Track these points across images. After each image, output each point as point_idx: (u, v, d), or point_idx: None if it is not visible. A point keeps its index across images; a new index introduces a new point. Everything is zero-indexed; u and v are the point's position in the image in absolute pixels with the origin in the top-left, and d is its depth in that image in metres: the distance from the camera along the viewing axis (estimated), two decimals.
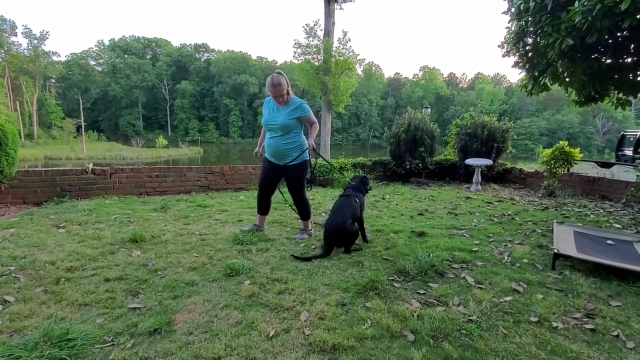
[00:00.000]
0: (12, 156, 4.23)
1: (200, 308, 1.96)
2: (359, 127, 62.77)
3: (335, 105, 17.69)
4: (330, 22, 17.35)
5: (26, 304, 1.97)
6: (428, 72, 68.42)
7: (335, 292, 2.16)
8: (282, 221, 3.88)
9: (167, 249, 2.89)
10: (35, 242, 2.98)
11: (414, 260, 2.56)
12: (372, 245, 3.08)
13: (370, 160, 7.52)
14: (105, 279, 2.30)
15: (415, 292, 2.20)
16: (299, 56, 18.89)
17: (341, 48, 18.58)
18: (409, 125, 7.35)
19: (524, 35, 4.13)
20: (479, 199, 5.30)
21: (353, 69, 18.83)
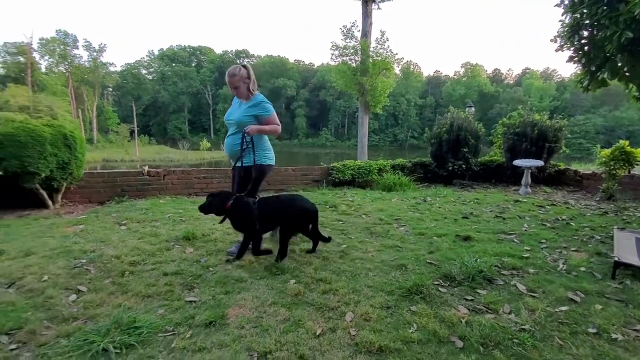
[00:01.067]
0: (81, 160, 4.69)
1: (250, 304, 2.07)
2: (397, 128, 61.58)
3: (372, 106, 17.52)
4: (367, 23, 17.23)
5: (97, 294, 2.19)
6: (470, 69, 65.43)
7: (379, 295, 2.17)
8: (322, 222, 3.93)
9: (217, 247, 3.06)
10: (101, 238, 3.29)
11: (460, 265, 2.50)
12: (415, 249, 3.04)
13: (409, 161, 7.38)
14: (164, 273, 2.49)
15: (463, 298, 2.14)
16: (336, 58, 18.97)
17: (379, 48, 18.37)
18: (452, 125, 7.11)
19: (579, 28, 3.85)
20: (529, 203, 5.01)
21: (391, 68, 18.52)
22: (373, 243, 3.23)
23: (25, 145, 4.00)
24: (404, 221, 4.00)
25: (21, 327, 1.81)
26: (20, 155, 4.00)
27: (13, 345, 1.68)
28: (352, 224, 3.90)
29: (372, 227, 3.76)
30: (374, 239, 3.39)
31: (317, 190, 6.07)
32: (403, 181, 6.24)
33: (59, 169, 4.41)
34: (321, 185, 6.41)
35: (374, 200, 5.17)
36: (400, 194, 5.62)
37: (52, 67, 47.61)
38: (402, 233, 3.53)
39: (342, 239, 3.36)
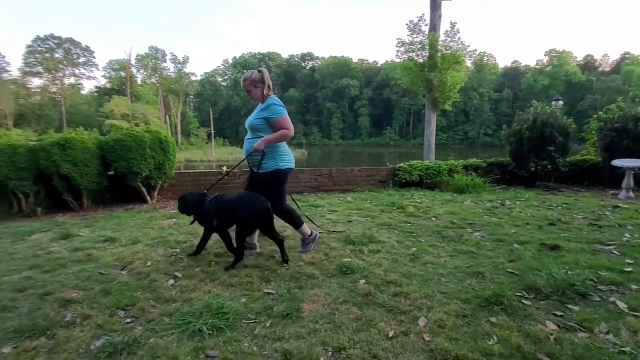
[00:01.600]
0: (172, 161, 5.33)
1: (322, 300, 2.16)
2: (467, 125, 57.58)
3: (441, 102, 16.65)
4: (436, 15, 16.42)
5: (190, 280, 2.49)
6: (556, 57, 58.29)
7: (454, 302, 2.09)
8: (390, 224, 3.90)
9: (289, 244, 3.22)
10: (190, 231, 3.70)
11: (547, 277, 2.28)
12: (493, 256, 2.85)
13: (484, 161, 6.89)
14: (244, 266, 2.71)
15: (550, 313, 1.96)
16: (402, 54, 18.44)
17: (448, 41, 17.40)
18: (535, 121, 6.45)
19: None
20: (632, 209, 4.32)
21: (462, 62, 17.41)
22: (445, 248, 3.11)
23: (130, 149, 4.70)
24: (479, 226, 3.77)
25: (133, 304, 2.14)
26: (127, 158, 4.70)
27: (128, 319, 2.00)
28: (421, 226, 3.80)
29: (443, 230, 3.62)
30: (445, 243, 3.26)
31: (384, 191, 6.01)
32: (477, 183, 5.86)
33: (156, 169, 5.08)
34: (387, 186, 6.33)
35: (445, 202, 4.95)
36: (473, 196, 5.29)
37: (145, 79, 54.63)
38: (478, 238, 3.33)
39: (411, 241, 3.29)
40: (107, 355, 1.64)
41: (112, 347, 1.68)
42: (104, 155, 4.89)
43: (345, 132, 64.30)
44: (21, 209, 4.69)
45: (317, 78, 64.68)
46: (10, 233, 3.77)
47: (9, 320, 1.95)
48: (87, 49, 49.70)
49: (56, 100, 45.78)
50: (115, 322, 1.93)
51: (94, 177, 4.78)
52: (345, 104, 63.22)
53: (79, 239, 3.54)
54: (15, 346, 1.73)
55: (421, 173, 6.33)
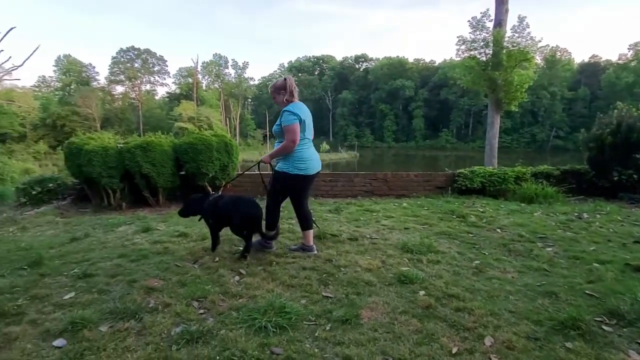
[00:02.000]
0: (235, 163, 5.71)
1: (381, 308, 2.16)
2: (535, 126, 52.74)
3: (506, 103, 15.50)
4: (502, 10, 15.33)
5: (254, 278, 2.64)
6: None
7: (524, 323, 1.97)
8: (450, 233, 3.75)
9: (345, 249, 3.28)
10: None
11: (632, 302, 2.05)
12: (569, 275, 2.61)
13: (557, 168, 6.29)
14: (302, 268, 2.81)
15: (634, 342, 1.77)
16: (463, 53, 17.52)
17: (516, 37, 16.17)
18: (619, 125, 5.74)
19: None
20: None
21: (531, 59, 16.05)
22: (512, 263, 2.92)
23: (200, 151, 5.13)
24: (551, 240, 3.47)
25: (205, 296, 2.34)
26: (197, 160, 5.15)
27: (201, 310, 2.19)
28: (484, 237, 3.60)
29: (510, 243, 3.39)
30: (512, 257, 3.06)
31: (441, 198, 5.79)
32: (548, 192, 5.37)
33: (221, 170, 5.48)
34: (445, 193, 6.08)
35: (511, 212, 4.63)
36: (544, 207, 4.86)
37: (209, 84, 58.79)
38: (550, 254, 3.07)
39: (473, 253, 3.15)
40: (186, 342, 1.82)
41: (189, 335, 1.86)
42: (177, 157, 5.40)
43: (399, 134, 62.76)
44: (110, 203, 5.37)
45: (371, 80, 64.04)
46: (102, 224, 4.33)
47: (105, 302, 2.26)
48: (161, 58, 54.88)
49: (134, 105, 51.23)
50: (191, 312, 2.13)
51: (169, 177, 5.30)
52: (399, 106, 61.69)
53: (157, 232, 3.95)
54: (111, 326, 2.00)
55: (484, 180, 5.97)
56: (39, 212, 5.20)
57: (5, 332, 1.92)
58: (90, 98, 42.12)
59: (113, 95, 52.36)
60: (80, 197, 5.89)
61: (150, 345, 1.79)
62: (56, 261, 3.04)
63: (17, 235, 4.12)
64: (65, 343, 1.82)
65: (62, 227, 4.46)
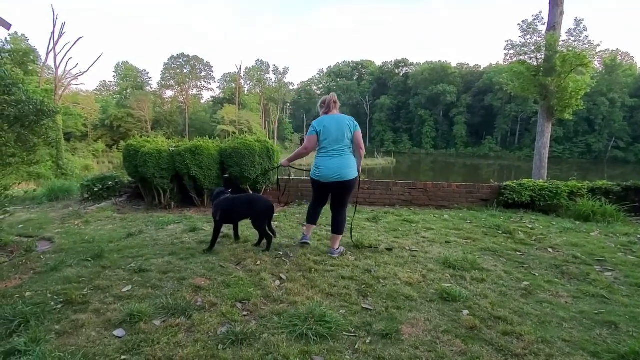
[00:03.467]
0: None
1: (422, 325, 2.12)
2: (592, 136, 48.67)
3: (559, 111, 14.49)
4: (557, 12, 14.38)
5: (294, 284, 2.70)
6: None
7: (580, 354, 1.84)
8: (495, 250, 3.58)
9: (384, 260, 3.25)
10: (290, 235, 4.01)
11: None
12: (630, 304, 2.40)
13: (618, 184, 5.76)
14: (341, 277, 2.83)
15: None
16: (511, 58, 16.68)
17: (572, 41, 15.17)
18: None
19: None
20: None
21: (589, 64, 14.89)
22: (566, 286, 2.73)
23: (244, 156, 5.35)
24: (610, 264, 3.19)
25: (249, 299, 2.43)
26: (241, 164, 5.37)
27: (245, 312, 2.28)
28: (534, 257, 3.40)
29: (563, 265, 3.17)
30: (566, 280, 2.86)
31: (486, 211, 5.53)
32: (607, 210, 4.95)
33: (262, 174, 5.66)
34: (490, 206, 5.80)
35: (564, 231, 4.32)
36: (602, 227, 4.48)
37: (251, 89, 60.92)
38: (610, 280, 2.83)
39: (522, 273, 2.98)
40: (231, 342, 1.91)
41: (234, 335, 1.95)
42: (222, 161, 5.66)
43: (438, 140, 60.85)
44: (160, 202, 5.74)
45: (410, 85, 62.77)
46: (154, 222, 4.64)
47: (158, 297, 2.42)
48: (207, 64, 57.79)
49: (182, 108, 54.27)
50: (235, 313, 2.22)
51: (214, 179, 5.57)
52: (440, 111, 59.84)
53: (203, 232, 4.17)
54: (164, 320, 2.14)
55: (533, 194, 5.62)
56: (99, 208, 5.68)
57: (73, 319, 2.12)
58: (143, 101, 45.32)
59: (163, 99, 55.88)
60: (135, 195, 6.36)
61: (199, 342, 1.90)
62: (115, 255, 3.31)
63: (81, 228, 4.54)
64: (125, 334, 1.98)
65: (119, 222, 4.84)
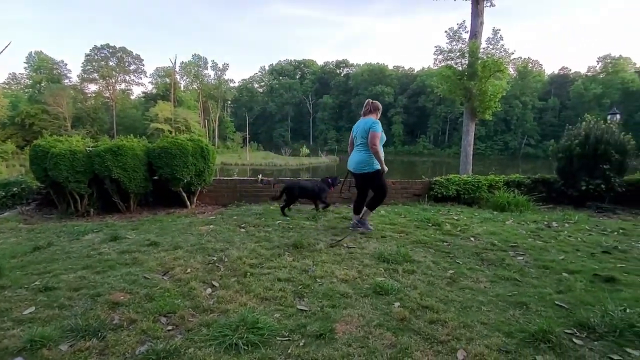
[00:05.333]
0: (212, 168, 5.56)
1: (356, 322, 2.13)
2: (508, 134, 54.90)
3: (480, 112, 16.05)
4: (477, 22, 15.90)
5: (227, 291, 2.55)
6: (611, 63, 54.16)
7: (496, 335, 1.98)
8: (426, 242, 3.79)
9: (322, 258, 3.24)
10: (227, 239, 3.82)
11: (602, 314, 2.11)
12: (539, 285, 2.68)
13: (528, 177, 6.52)
14: (277, 279, 2.75)
15: (606, 356, 1.81)
16: (440, 62, 18.06)
17: (490, 48, 16.89)
18: (587, 137, 6.03)
19: None
20: None
21: (504, 70, 16.72)
22: (485, 272, 2.97)
23: (174, 156, 4.97)
24: (522, 249, 3.56)
25: (174, 311, 2.23)
26: (171, 165, 4.98)
27: (169, 327, 2.09)
28: (458, 246, 3.66)
29: (483, 252, 3.45)
30: (485, 267, 3.11)
31: (418, 205, 5.86)
32: (519, 201, 5.56)
33: (196, 175, 5.33)
34: (422, 200, 6.16)
35: (484, 221, 4.74)
36: (515, 215, 5.01)
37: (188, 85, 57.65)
38: (521, 264, 3.15)
39: (448, 263, 3.18)
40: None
41: (155, 354, 1.77)
42: (150, 162, 5.20)
43: None
44: (77, 209, 5.10)
45: (352, 85, 64.80)
46: (67, 232, 4.10)
47: (66, 318, 2.11)
48: (137, 57, 53.33)
49: (108, 104, 49.44)
50: (158, 329, 2.02)
51: (141, 182, 5.10)
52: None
53: (126, 241, 3.78)
54: (71, 344, 1.87)
55: (459, 188, 6.10)
56: (2, 218, 4.88)
57: None
58: (61, 96, 40.34)
59: (85, 94, 50.36)
60: (46, 202, 5.58)
61: None
62: (17, 272, 2.85)
63: None
64: None
65: (25, 234, 4.20)
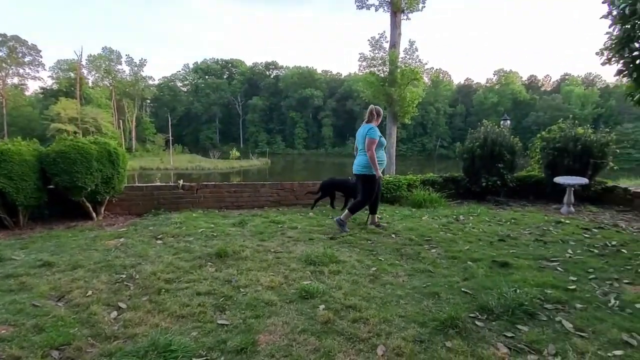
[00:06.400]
0: (122, 174, 4.98)
1: (280, 330, 2.07)
2: (425, 137, 60.33)
3: (400, 116, 17.35)
4: (396, 34, 17.18)
5: (136, 312, 2.28)
6: (504, 76, 63.21)
7: (412, 326, 2.10)
8: (351, 242, 3.90)
9: (247, 266, 3.10)
10: (140, 253, 3.44)
11: (498, 297, 2.37)
12: (448, 275, 2.93)
13: (440, 177, 7.19)
14: (197, 293, 2.55)
15: (502, 335, 2.03)
16: (364, 69, 19.06)
17: (407, 58, 18.32)
18: (486, 139, 6.86)
19: (630, 40, 3.63)
20: (573, 224, 4.70)
21: (420, 78, 18.33)
22: (404, 266, 3.15)
23: (74, 162, 4.32)
24: (435, 242, 3.88)
25: (70, 342, 1.91)
26: (71, 171, 4.31)
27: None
28: (381, 244, 3.83)
29: (402, 248, 3.68)
30: (404, 261, 3.31)
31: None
32: (433, 197, 6.09)
33: (103, 183, 4.71)
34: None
35: (404, 217, 5.07)
36: (430, 211, 5.47)
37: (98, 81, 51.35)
38: (434, 256, 3.42)
39: (371, 260, 3.30)
40: None
41: None
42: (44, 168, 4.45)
43: (309, 141, 64.70)
44: None
45: (281, 87, 64.73)
46: None
47: None
48: (33, 47, 45.79)
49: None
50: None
51: (32, 192, 4.32)
52: (309, 114, 63.70)
53: (12, 263, 3.16)
54: None
55: (382, 188, 6.45)
56: None
57: None
58: None
59: None
60: None
61: None
62: None
63: None
64: None
65: None
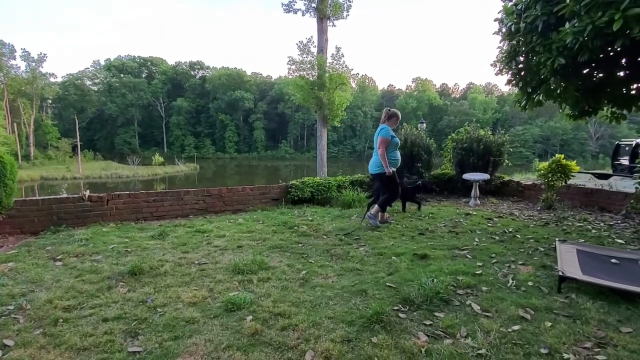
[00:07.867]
0: (11, 187, 4.18)
1: (202, 350, 1.91)
2: (355, 139, 63.13)
3: (330, 119, 17.86)
4: (323, 39, 17.65)
5: (26, 349, 1.91)
6: (421, 84, 69.47)
7: (340, 327, 2.11)
8: (282, 246, 3.83)
9: (167, 282, 2.83)
10: (33, 278, 2.92)
11: (418, 287, 2.53)
12: (375, 271, 3.04)
13: (368, 177, 7.52)
14: (103, 319, 2.24)
15: (422, 323, 2.16)
16: (294, 72, 19.18)
17: (335, 63, 18.91)
18: (406, 141, 7.39)
19: (516, 54, 4.20)
20: (479, 215, 5.29)
21: (347, 83, 19.08)
22: (333, 267, 3.19)
23: None
24: (363, 240, 4.01)
25: None
26: None
27: None
28: (312, 246, 3.84)
29: (332, 248, 3.72)
30: (334, 262, 3.35)
31: (277, 210, 5.94)
32: (361, 197, 6.33)
33: None
34: (280, 204, 6.29)
35: (334, 218, 5.17)
36: (359, 210, 5.67)
37: None
38: (362, 254, 3.52)
39: (302, 263, 3.27)
40: None
41: None
42: None
43: (241, 145, 62.95)
44: None
45: (209, 88, 61.86)
46: None
47: None
48: None
49: None
50: None
51: None
52: (240, 117, 62.00)
53: None
54: None
55: (313, 190, 6.51)
56: None
57: None
58: None
59: None
60: None
61: None
62: None
63: None
64: None
65: None
